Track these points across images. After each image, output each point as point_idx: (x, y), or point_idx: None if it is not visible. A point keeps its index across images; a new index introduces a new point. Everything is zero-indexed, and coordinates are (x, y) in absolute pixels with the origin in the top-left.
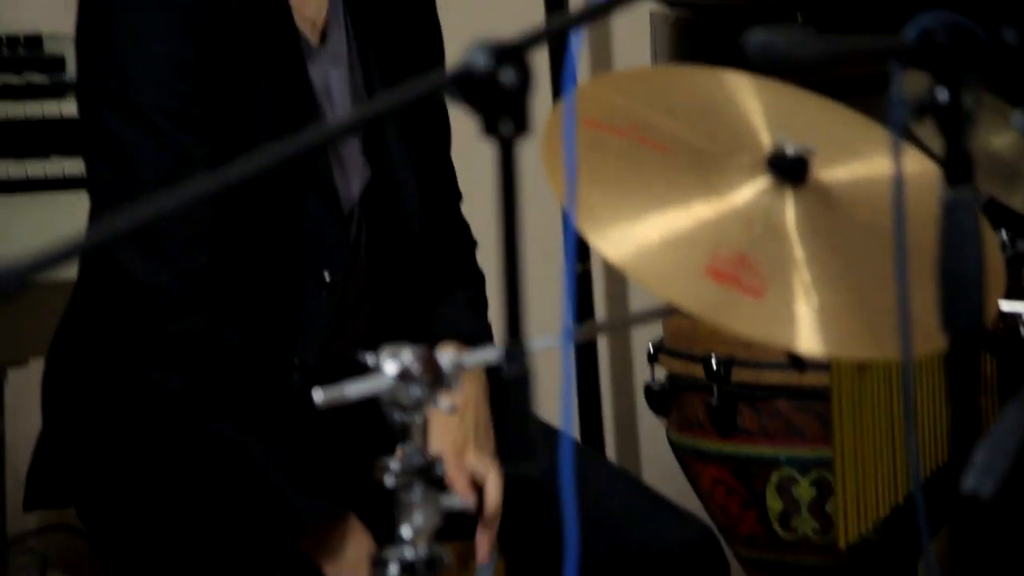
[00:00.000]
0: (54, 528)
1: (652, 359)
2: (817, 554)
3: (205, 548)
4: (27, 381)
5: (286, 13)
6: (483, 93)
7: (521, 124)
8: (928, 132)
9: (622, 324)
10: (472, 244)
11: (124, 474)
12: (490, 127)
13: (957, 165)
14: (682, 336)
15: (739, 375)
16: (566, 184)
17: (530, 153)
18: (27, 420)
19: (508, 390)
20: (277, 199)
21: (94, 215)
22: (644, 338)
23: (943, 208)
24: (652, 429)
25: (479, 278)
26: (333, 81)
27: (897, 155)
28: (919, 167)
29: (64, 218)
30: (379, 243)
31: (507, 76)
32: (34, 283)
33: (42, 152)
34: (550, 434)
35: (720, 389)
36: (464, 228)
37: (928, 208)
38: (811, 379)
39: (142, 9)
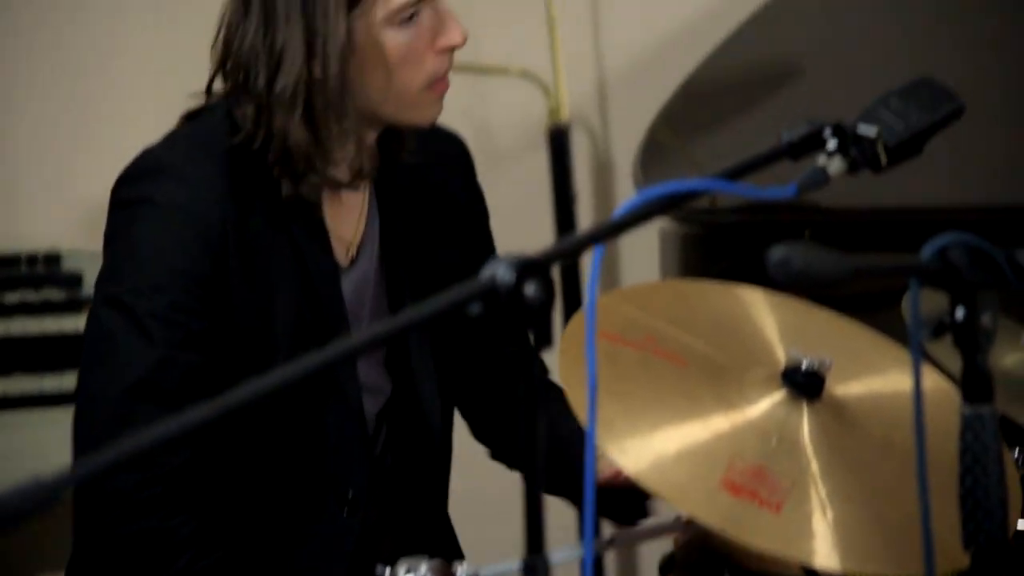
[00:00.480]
0: None
1: (663, 572)
2: None
3: None
4: None
5: (323, 235)
6: (508, 307)
7: (545, 338)
8: (942, 350)
9: (641, 536)
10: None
11: None
12: (512, 341)
13: (976, 383)
14: (693, 548)
15: None
16: (587, 399)
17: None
18: None
19: None
20: (300, 416)
21: (78, 409)
22: (651, 549)
23: (963, 425)
24: None
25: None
26: (357, 298)
27: (917, 372)
28: (932, 384)
29: None
30: (402, 458)
31: (531, 290)
32: (61, 499)
33: (58, 367)
34: None
35: None
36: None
37: (942, 425)
38: None
39: (166, 221)
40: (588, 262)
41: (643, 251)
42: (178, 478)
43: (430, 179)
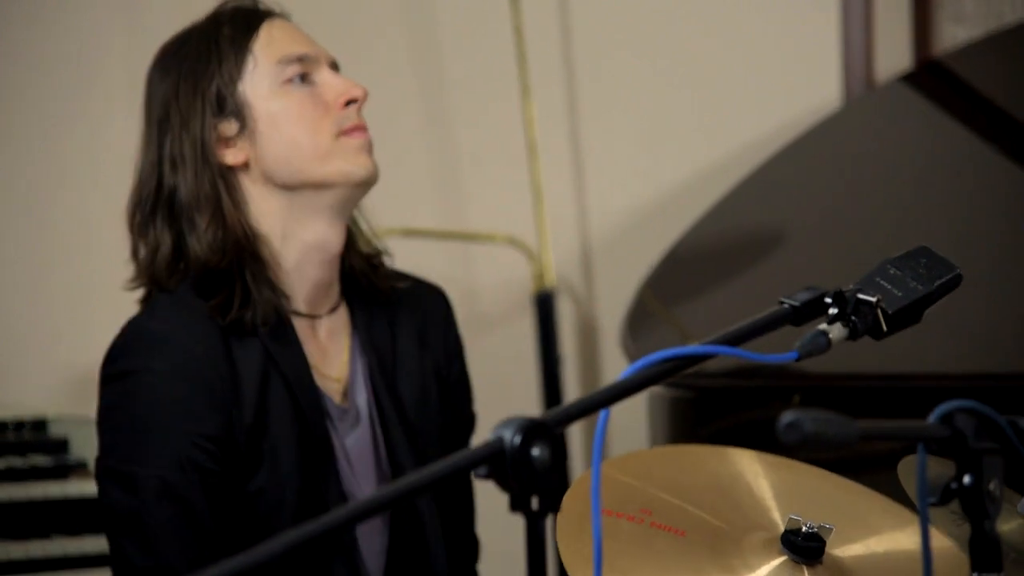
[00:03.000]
0: None
1: None
2: None
3: None
4: None
5: (306, 372)
6: (514, 469)
7: (551, 501)
8: (937, 514)
9: None
10: None
11: None
12: (519, 503)
13: (984, 551)
14: None
15: None
16: (593, 561)
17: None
18: None
19: None
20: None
21: None
22: None
23: None
24: None
25: None
26: (351, 443)
27: (925, 538)
28: (936, 544)
29: None
30: None
31: (537, 453)
32: None
33: (44, 532)
34: None
35: None
36: None
37: None
38: None
39: (168, 387)
40: (573, 430)
41: (630, 416)
42: None
43: (409, 320)
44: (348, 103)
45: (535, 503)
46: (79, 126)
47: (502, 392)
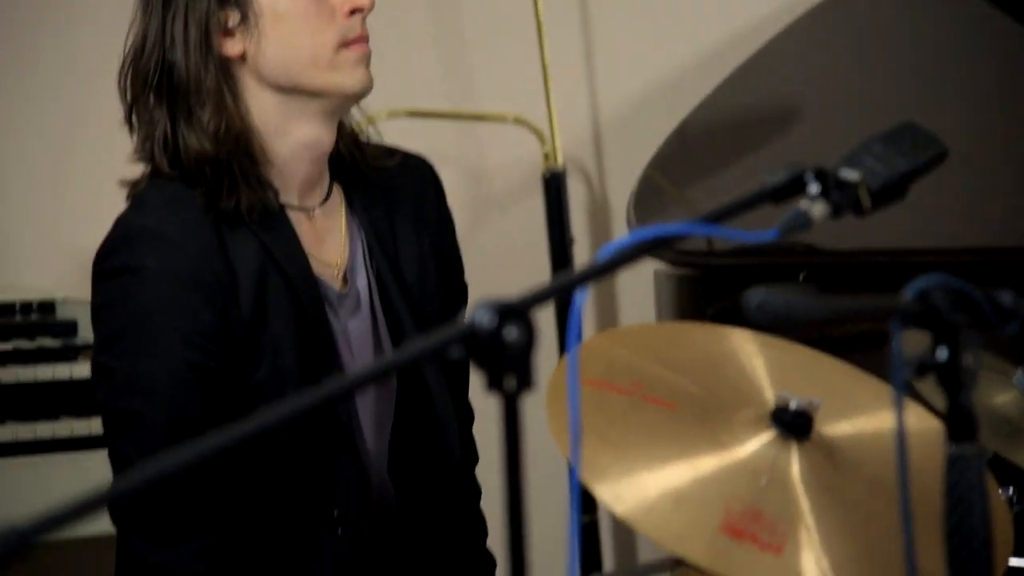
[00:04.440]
0: None
1: None
2: None
3: None
4: None
5: (303, 261)
6: (488, 350)
7: (526, 381)
8: (930, 387)
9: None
10: (485, 532)
11: None
12: (494, 383)
13: (959, 422)
14: None
15: None
16: (570, 438)
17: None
18: None
19: None
20: (294, 444)
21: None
22: None
23: (947, 463)
24: None
25: (491, 563)
26: (353, 328)
27: (900, 413)
28: (922, 423)
29: (73, 477)
30: (410, 482)
31: (511, 334)
32: (37, 545)
33: (52, 414)
34: None
35: None
36: (480, 512)
37: (931, 462)
38: None
39: (164, 285)
40: (589, 305)
41: (640, 293)
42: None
43: (403, 199)
44: (353, 12)
45: (510, 383)
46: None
47: (512, 274)
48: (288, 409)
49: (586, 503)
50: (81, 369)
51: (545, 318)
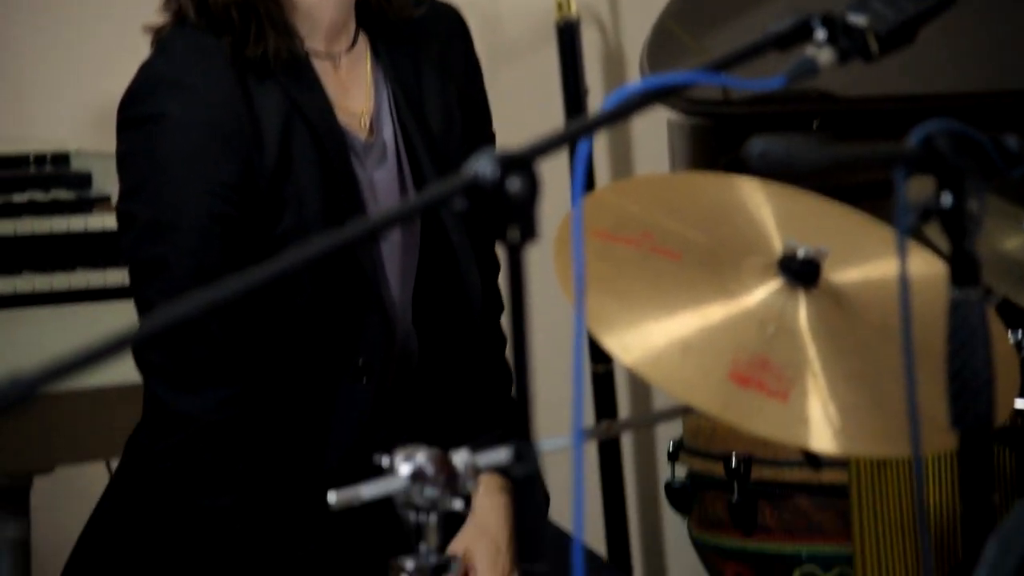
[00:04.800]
0: None
1: (672, 458)
2: None
3: None
4: (52, 487)
5: (328, 110)
6: (491, 201)
7: (529, 231)
8: (938, 232)
9: (632, 425)
10: (510, 380)
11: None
12: (498, 234)
13: (962, 266)
14: (701, 435)
15: (759, 473)
16: (574, 286)
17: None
18: (53, 527)
19: (518, 489)
20: (318, 291)
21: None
22: (668, 437)
23: (950, 308)
24: (678, 525)
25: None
26: (379, 179)
27: (903, 258)
28: (930, 268)
29: (89, 329)
30: (432, 333)
31: (514, 185)
32: (39, 395)
33: (68, 265)
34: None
35: (740, 487)
36: (505, 362)
37: (939, 308)
38: (831, 476)
39: (187, 134)
40: (604, 156)
41: (655, 144)
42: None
43: (430, 48)
44: None
45: (513, 234)
46: None
47: (525, 124)
48: (309, 251)
49: (601, 354)
50: (96, 221)
51: (558, 168)
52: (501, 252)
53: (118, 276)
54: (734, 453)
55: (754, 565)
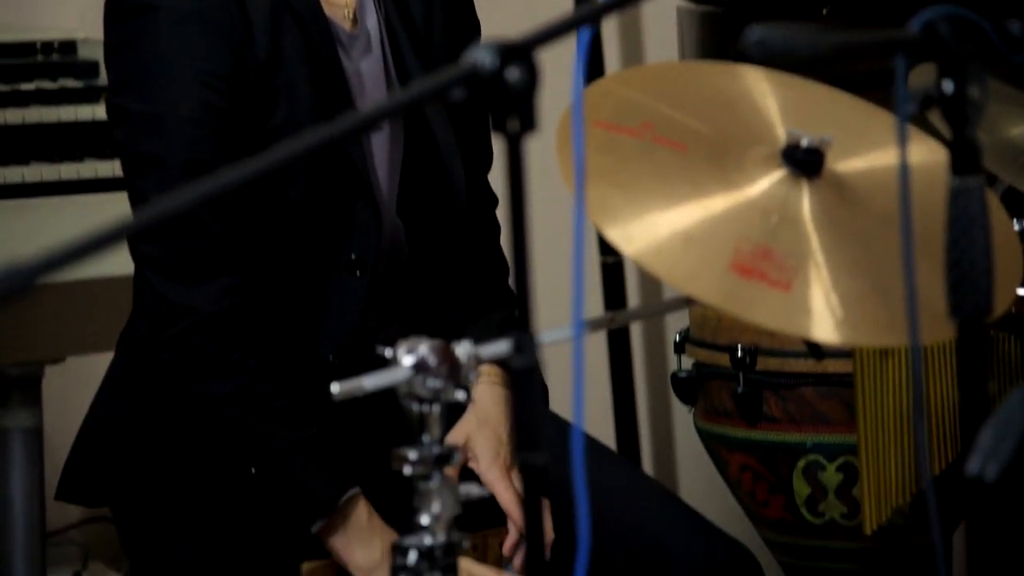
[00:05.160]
0: (96, 520)
1: (679, 349)
2: (845, 538)
3: (230, 542)
4: (63, 378)
5: (315, 4)
6: (490, 91)
7: (529, 122)
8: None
9: (634, 317)
10: (505, 270)
11: (158, 471)
12: (497, 125)
13: (963, 154)
14: (708, 326)
15: (764, 363)
16: (574, 176)
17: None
18: (64, 416)
19: (517, 381)
20: (309, 183)
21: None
22: (677, 327)
23: (949, 196)
24: (687, 416)
25: (511, 298)
26: (365, 70)
27: (903, 146)
28: (933, 156)
29: (97, 219)
30: (419, 225)
31: (513, 75)
32: (40, 284)
33: (76, 155)
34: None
35: (746, 377)
36: (499, 251)
37: (943, 196)
38: (836, 366)
39: (178, 26)
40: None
41: (666, 33)
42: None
43: None
44: None
45: (513, 125)
46: None
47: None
48: (302, 144)
49: (610, 245)
50: (104, 111)
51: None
52: (498, 143)
53: None
54: (739, 344)
55: (759, 455)
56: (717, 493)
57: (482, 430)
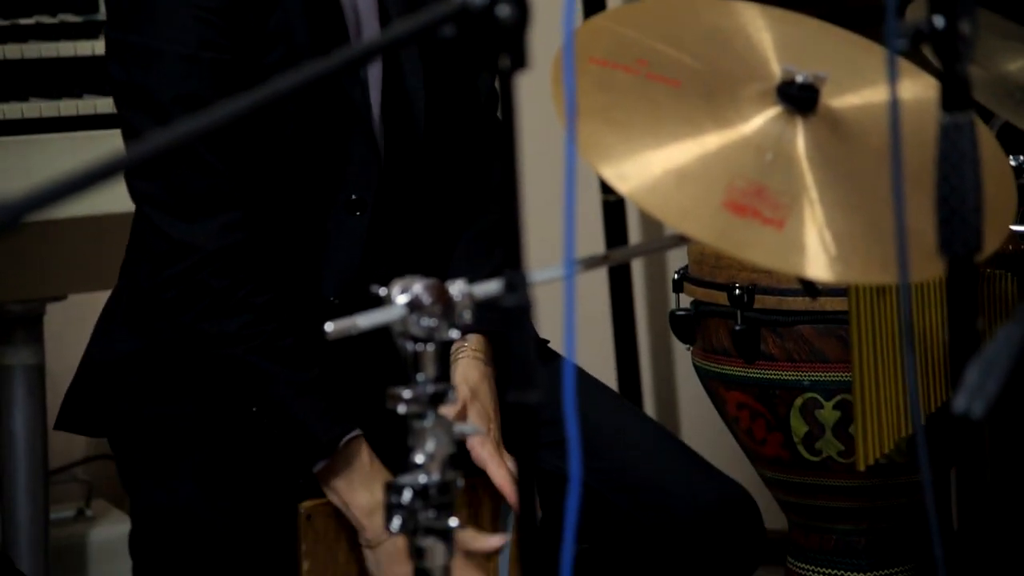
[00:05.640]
0: (99, 458)
1: (677, 287)
2: (842, 476)
3: (229, 480)
4: (65, 315)
5: None
6: (480, 28)
7: (519, 59)
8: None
9: (628, 255)
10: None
11: (158, 404)
12: (488, 62)
13: (954, 90)
14: (706, 264)
15: (762, 301)
16: (566, 113)
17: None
18: (66, 352)
19: (509, 319)
20: (308, 123)
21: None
22: (678, 267)
23: (940, 132)
24: (688, 354)
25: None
26: (362, 6)
27: (892, 82)
28: (928, 92)
29: (95, 156)
30: (398, 157)
31: (504, 11)
32: (42, 221)
33: (75, 91)
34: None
35: (743, 315)
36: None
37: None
38: (834, 304)
39: None
40: None
41: None
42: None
43: None
44: None
45: (504, 62)
46: None
47: None
48: (295, 79)
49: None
50: (103, 46)
51: None
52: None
53: None
54: (737, 282)
55: (756, 393)
56: (718, 432)
57: (472, 407)
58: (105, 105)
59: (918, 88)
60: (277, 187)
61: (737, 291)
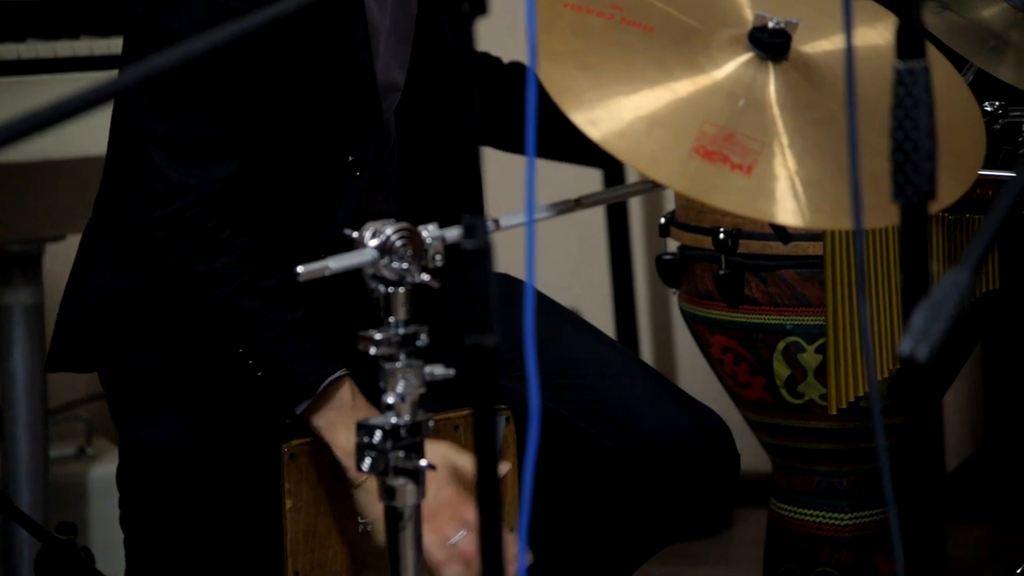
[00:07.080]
0: (101, 397)
1: (664, 231)
2: (823, 418)
3: (213, 419)
4: (64, 255)
5: None
6: None
7: (479, 5)
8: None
9: (599, 200)
10: None
11: (145, 342)
12: (449, 6)
13: (909, 38)
14: (692, 209)
15: (746, 246)
16: (528, 57)
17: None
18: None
19: (469, 262)
20: (313, 82)
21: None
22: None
23: (894, 79)
24: None
25: None
26: None
27: (848, 29)
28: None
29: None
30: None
31: None
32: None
33: (72, 32)
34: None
35: (727, 260)
36: None
37: None
38: (816, 248)
39: None
40: None
41: None
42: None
43: None
44: None
45: (464, 6)
46: None
47: None
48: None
49: None
50: None
51: None
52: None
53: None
54: (721, 227)
55: (740, 337)
56: (714, 376)
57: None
58: (102, 47)
59: (889, 33)
60: (279, 142)
61: (721, 235)
